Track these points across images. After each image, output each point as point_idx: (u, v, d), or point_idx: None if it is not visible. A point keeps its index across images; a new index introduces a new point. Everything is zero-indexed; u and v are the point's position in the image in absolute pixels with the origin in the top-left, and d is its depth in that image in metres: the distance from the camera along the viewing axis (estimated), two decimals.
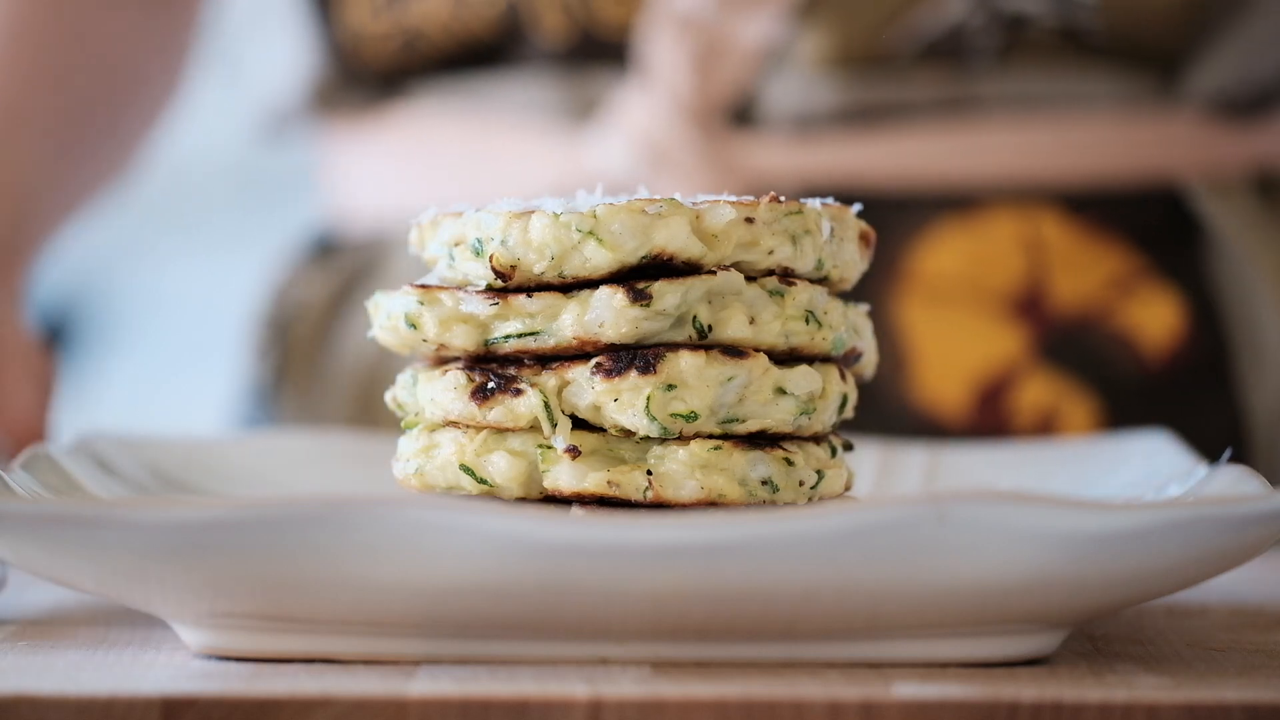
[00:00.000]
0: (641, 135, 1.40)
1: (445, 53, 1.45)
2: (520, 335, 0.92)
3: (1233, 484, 0.97)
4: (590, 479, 0.91)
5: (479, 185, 1.44)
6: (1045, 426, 1.39)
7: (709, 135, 1.39)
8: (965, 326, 1.39)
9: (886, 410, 1.38)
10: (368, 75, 1.49)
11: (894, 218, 1.39)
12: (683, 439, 0.91)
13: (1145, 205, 1.43)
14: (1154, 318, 1.41)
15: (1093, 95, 1.42)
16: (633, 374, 0.90)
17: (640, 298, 0.90)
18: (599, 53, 1.43)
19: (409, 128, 1.49)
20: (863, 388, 1.05)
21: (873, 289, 1.38)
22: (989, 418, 1.39)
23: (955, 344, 1.39)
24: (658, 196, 0.92)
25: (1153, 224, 1.43)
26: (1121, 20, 1.40)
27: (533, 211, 0.92)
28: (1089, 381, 1.39)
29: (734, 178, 1.39)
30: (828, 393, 0.94)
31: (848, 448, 0.98)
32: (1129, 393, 1.37)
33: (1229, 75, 1.43)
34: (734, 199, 0.93)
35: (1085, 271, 1.41)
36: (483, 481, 0.92)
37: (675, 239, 0.91)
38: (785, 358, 0.94)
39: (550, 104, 1.44)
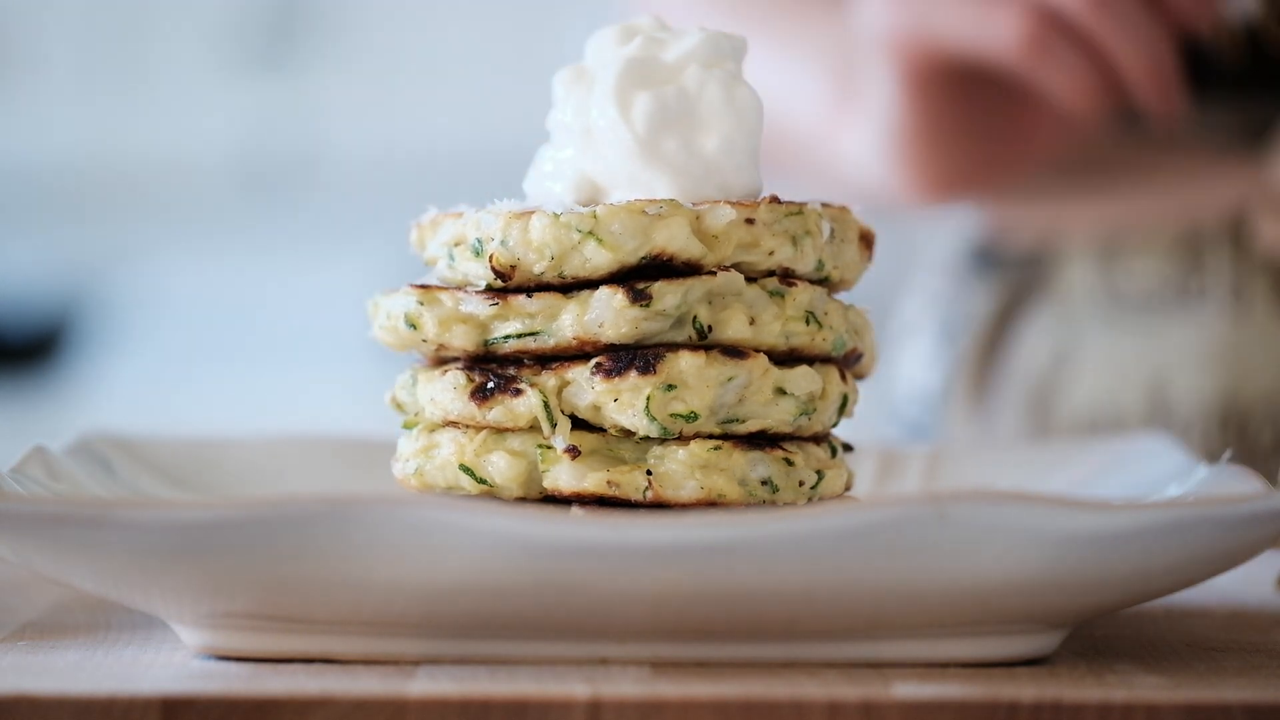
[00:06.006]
0: None
1: None
2: (520, 335, 0.92)
3: (1233, 484, 0.97)
4: (590, 479, 0.91)
5: None
6: None
7: None
8: None
9: None
10: None
11: None
12: (682, 439, 0.91)
13: None
14: None
15: None
16: (632, 374, 0.90)
17: (640, 298, 0.90)
18: None
19: None
20: None
21: None
22: None
23: None
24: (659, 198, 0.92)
25: None
26: None
27: (533, 212, 0.92)
28: None
29: None
30: (828, 393, 0.94)
31: (847, 448, 0.98)
32: None
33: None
34: (734, 200, 0.93)
35: None
36: (482, 481, 0.92)
37: (675, 239, 0.91)
38: (785, 358, 0.94)
39: None
